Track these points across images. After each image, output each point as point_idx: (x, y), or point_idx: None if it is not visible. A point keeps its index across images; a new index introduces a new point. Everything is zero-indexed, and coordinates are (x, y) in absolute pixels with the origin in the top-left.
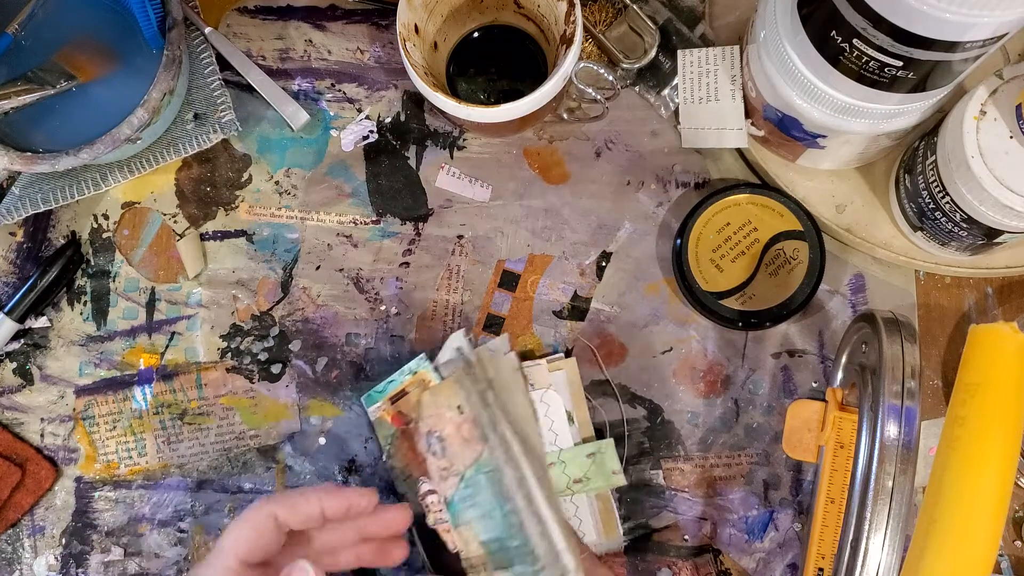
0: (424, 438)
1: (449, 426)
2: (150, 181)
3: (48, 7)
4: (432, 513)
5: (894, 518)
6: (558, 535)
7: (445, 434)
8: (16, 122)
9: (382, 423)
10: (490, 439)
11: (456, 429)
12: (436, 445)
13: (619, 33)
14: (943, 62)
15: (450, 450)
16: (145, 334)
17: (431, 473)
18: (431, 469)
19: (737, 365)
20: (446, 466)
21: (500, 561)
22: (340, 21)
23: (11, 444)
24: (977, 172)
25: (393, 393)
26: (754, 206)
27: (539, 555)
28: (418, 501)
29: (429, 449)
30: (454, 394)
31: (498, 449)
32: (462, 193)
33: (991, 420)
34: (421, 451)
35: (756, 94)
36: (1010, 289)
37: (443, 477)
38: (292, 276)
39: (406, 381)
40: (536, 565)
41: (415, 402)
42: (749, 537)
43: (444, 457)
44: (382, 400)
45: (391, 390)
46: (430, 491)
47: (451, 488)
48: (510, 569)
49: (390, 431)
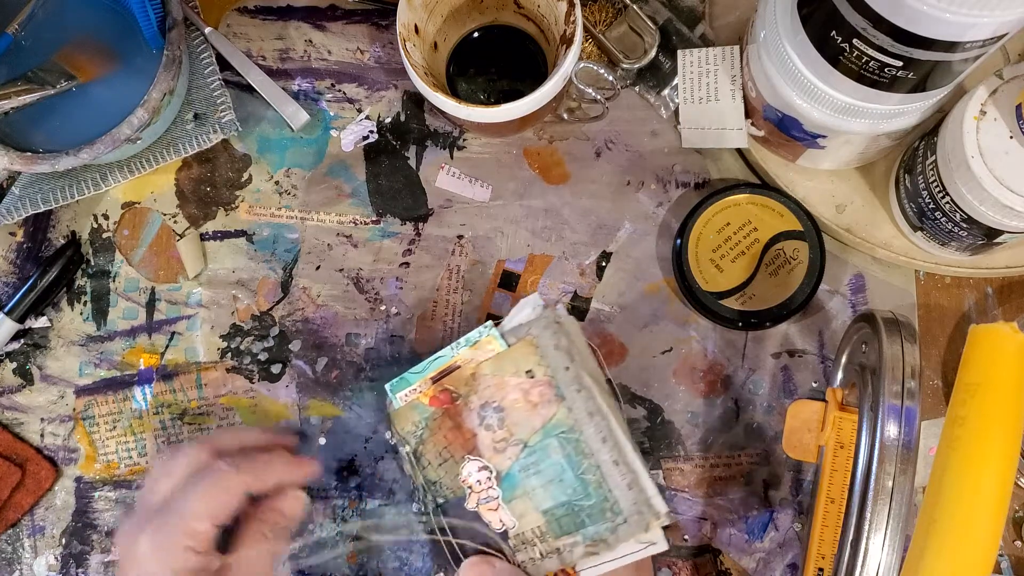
0: (476, 412)
1: (513, 393)
2: (150, 181)
3: (48, 7)
4: (476, 493)
5: (894, 518)
6: (648, 482)
7: (506, 403)
8: (16, 122)
9: (416, 407)
10: (569, 398)
11: (523, 395)
12: (492, 417)
13: (619, 33)
14: (943, 62)
15: (511, 419)
16: (145, 334)
17: (481, 449)
18: (482, 444)
19: (737, 365)
20: (504, 437)
21: (566, 526)
22: (340, 21)
23: (11, 444)
24: (977, 172)
25: (437, 371)
26: (754, 206)
27: (622, 508)
28: (458, 484)
29: (482, 423)
30: (524, 358)
31: (581, 405)
32: (462, 193)
33: (991, 420)
34: (470, 427)
35: (756, 94)
36: (1010, 289)
37: (498, 450)
38: (292, 276)
39: (459, 354)
40: (617, 519)
41: (469, 375)
42: (749, 537)
43: (503, 428)
44: (419, 381)
45: (434, 368)
46: (478, 468)
47: (509, 459)
48: (579, 531)
49: (425, 414)
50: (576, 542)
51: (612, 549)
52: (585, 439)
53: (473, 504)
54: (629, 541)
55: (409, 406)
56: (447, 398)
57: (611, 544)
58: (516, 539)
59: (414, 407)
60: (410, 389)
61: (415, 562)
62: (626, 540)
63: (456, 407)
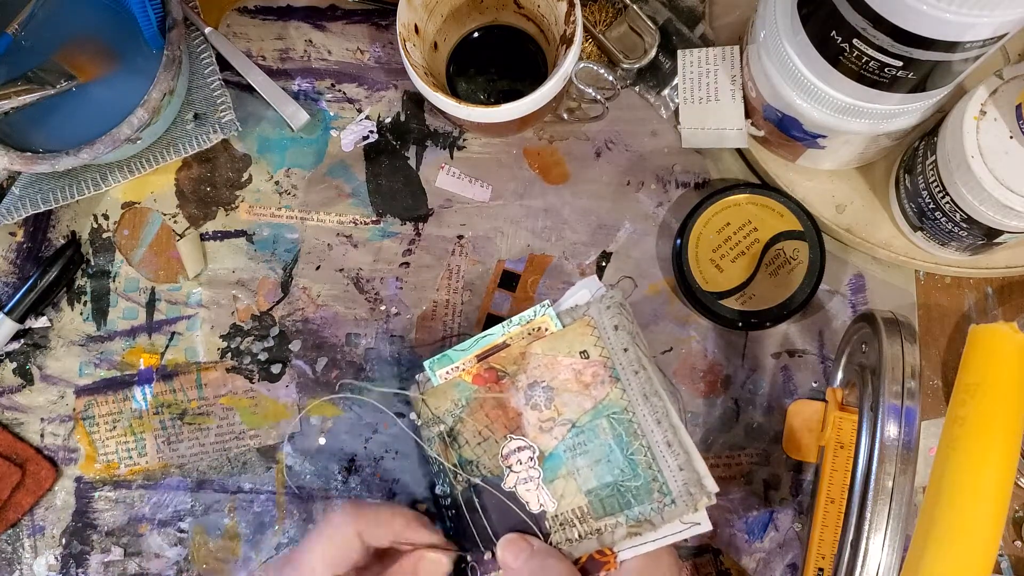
0: (524, 392)
1: (565, 373)
2: (150, 181)
3: (48, 7)
4: (515, 473)
5: (894, 518)
6: (701, 462)
7: (556, 382)
8: (16, 122)
9: (457, 384)
10: (625, 379)
11: (575, 375)
12: (540, 396)
13: (619, 33)
14: (943, 62)
15: (560, 399)
16: (145, 334)
17: (526, 429)
18: (527, 424)
19: (737, 365)
20: (551, 417)
21: (609, 507)
22: (340, 21)
23: (11, 444)
24: (977, 172)
25: (483, 350)
26: (754, 206)
27: (671, 488)
28: (497, 464)
29: (528, 402)
30: (579, 338)
31: (636, 387)
32: (462, 193)
33: (991, 420)
34: (515, 406)
35: (756, 94)
36: (1010, 289)
37: (544, 429)
38: (292, 276)
39: (510, 332)
40: (664, 499)
41: (518, 354)
42: (749, 537)
43: (550, 408)
44: (464, 359)
45: (481, 346)
46: (520, 448)
47: (555, 439)
48: (623, 512)
49: (466, 392)
50: (619, 523)
51: (656, 529)
52: (638, 420)
53: (511, 484)
54: (674, 522)
55: (449, 384)
56: (492, 376)
57: (656, 524)
58: (553, 520)
59: (455, 385)
60: (452, 367)
61: None
62: (671, 520)
63: (502, 385)
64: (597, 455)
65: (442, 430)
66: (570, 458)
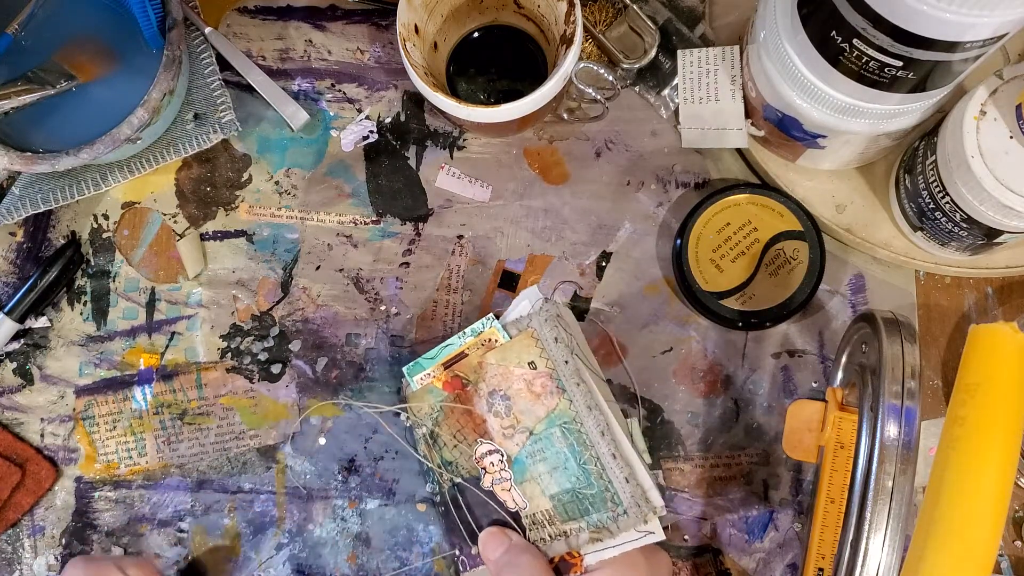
0: (485, 399)
1: (517, 383)
2: (150, 181)
3: (48, 7)
4: (490, 474)
5: (894, 518)
6: (645, 476)
7: (512, 392)
8: (16, 122)
9: (431, 390)
10: (569, 390)
11: (527, 385)
12: (500, 404)
13: (619, 33)
14: (943, 62)
15: (517, 407)
16: (145, 334)
17: (492, 433)
18: (492, 429)
19: (737, 365)
20: (511, 424)
21: (571, 512)
22: (340, 21)
23: (11, 444)
24: (977, 172)
25: (447, 358)
26: (754, 206)
27: (621, 499)
28: (473, 464)
29: (491, 409)
30: (525, 349)
31: (580, 399)
32: (462, 193)
33: (991, 420)
34: (480, 412)
35: (756, 94)
36: (1010, 289)
37: (507, 436)
38: (292, 276)
39: (467, 343)
40: (617, 509)
41: (476, 363)
42: (749, 537)
43: (510, 415)
44: (433, 366)
45: (445, 355)
46: (490, 451)
47: (517, 445)
48: (583, 518)
49: (439, 397)
50: (581, 527)
51: (614, 537)
52: (586, 431)
53: (488, 483)
54: (630, 531)
55: (425, 389)
56: (458, 384)
57: (613, 532)
58: (528, 519)
59: (429, 391)
60: (424, 373)
61: (415, 561)
62: (627, 529)
63: (467, 392)
64: (554, 462)
65: (425, 432)
66: (531, 464)
